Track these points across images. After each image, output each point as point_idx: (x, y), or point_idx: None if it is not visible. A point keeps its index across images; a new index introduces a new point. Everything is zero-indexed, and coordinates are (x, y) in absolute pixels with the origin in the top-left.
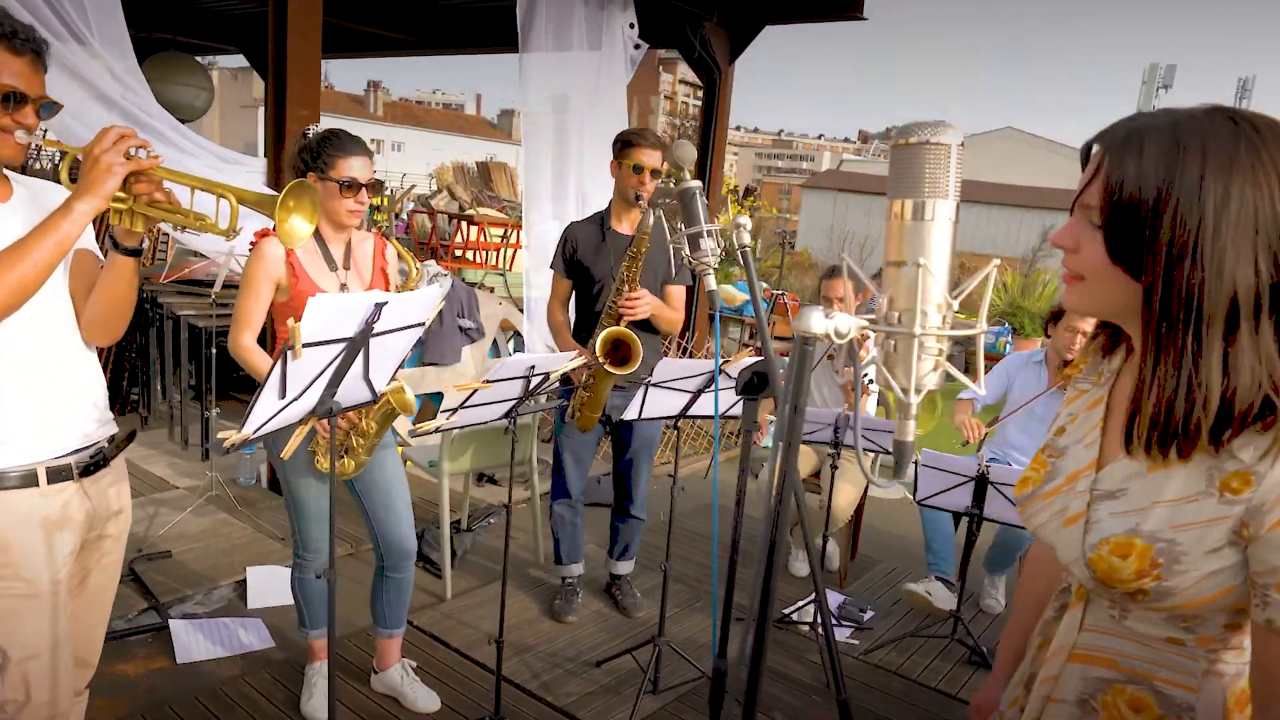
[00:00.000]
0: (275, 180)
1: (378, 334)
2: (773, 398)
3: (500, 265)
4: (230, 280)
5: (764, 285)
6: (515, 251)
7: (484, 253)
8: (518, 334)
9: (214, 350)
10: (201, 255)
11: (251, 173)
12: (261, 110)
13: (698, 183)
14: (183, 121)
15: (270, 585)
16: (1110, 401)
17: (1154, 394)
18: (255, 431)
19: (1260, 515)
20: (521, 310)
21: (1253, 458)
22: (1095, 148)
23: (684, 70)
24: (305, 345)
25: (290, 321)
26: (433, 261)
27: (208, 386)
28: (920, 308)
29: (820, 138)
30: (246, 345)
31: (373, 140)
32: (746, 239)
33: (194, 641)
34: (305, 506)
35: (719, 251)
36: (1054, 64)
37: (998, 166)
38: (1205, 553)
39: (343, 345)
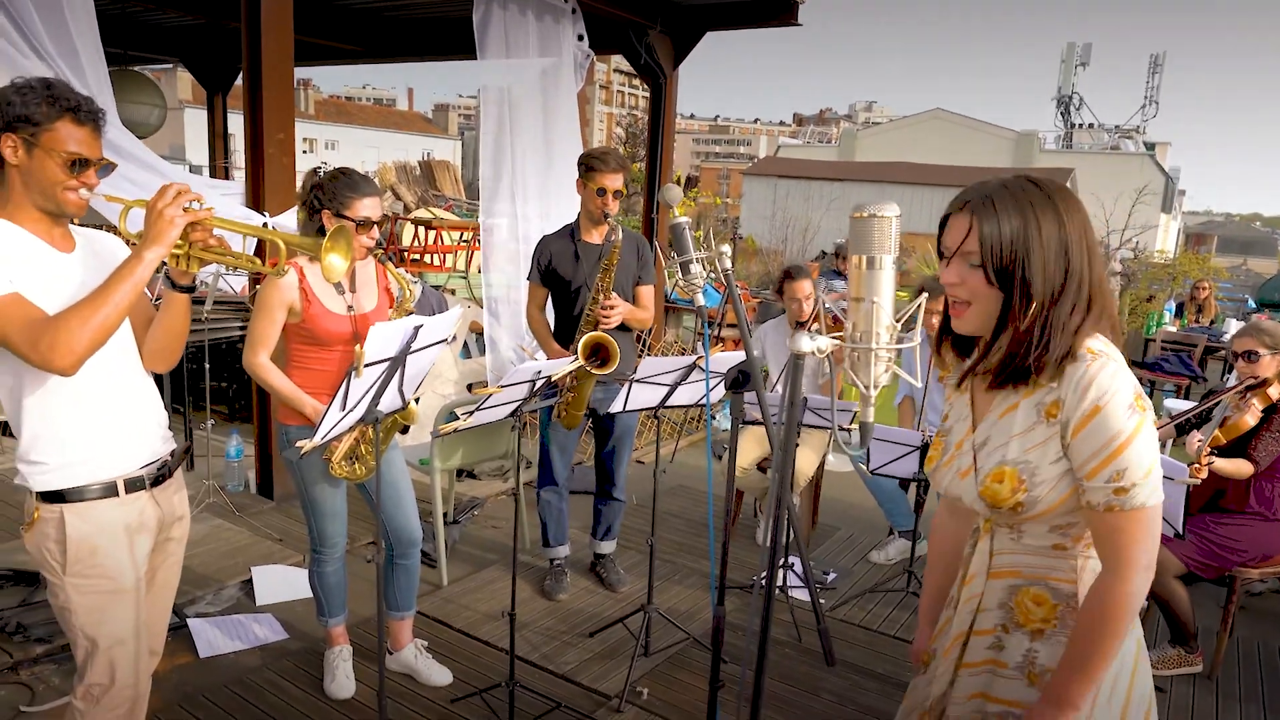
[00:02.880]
0: (255, 202)
1: (414, 351)
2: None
3: (460, 268)
4: (221, 298)
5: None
6: (474, 253)
7: (443, 255)
8: (484, 334)
9: (208, 365)
10: None
11: (229, 195)
12: (187, 112)
13: (686, 219)
14: (138, 138)
15: (276, 583)
16: (972, 388)
17: (1005, 349)
18: (324, 439)
19: (1068, 427)
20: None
21: (1061, 390)
22: (962, 212)
23: (618, 59)
24: (366, 365)
25: (357, 348)
26: (402, 270)
27: (194, 401)
28: (875, 330)
29: (756, 122)
30: (262, 363)
31: (305, 139)
32: (729, 264)
33: (214, 637)
34: (321, 507)
35: (705, 274)
36: (978, 47)
37: (927, 148)
38: (1050, 463)
39: (388, 363)
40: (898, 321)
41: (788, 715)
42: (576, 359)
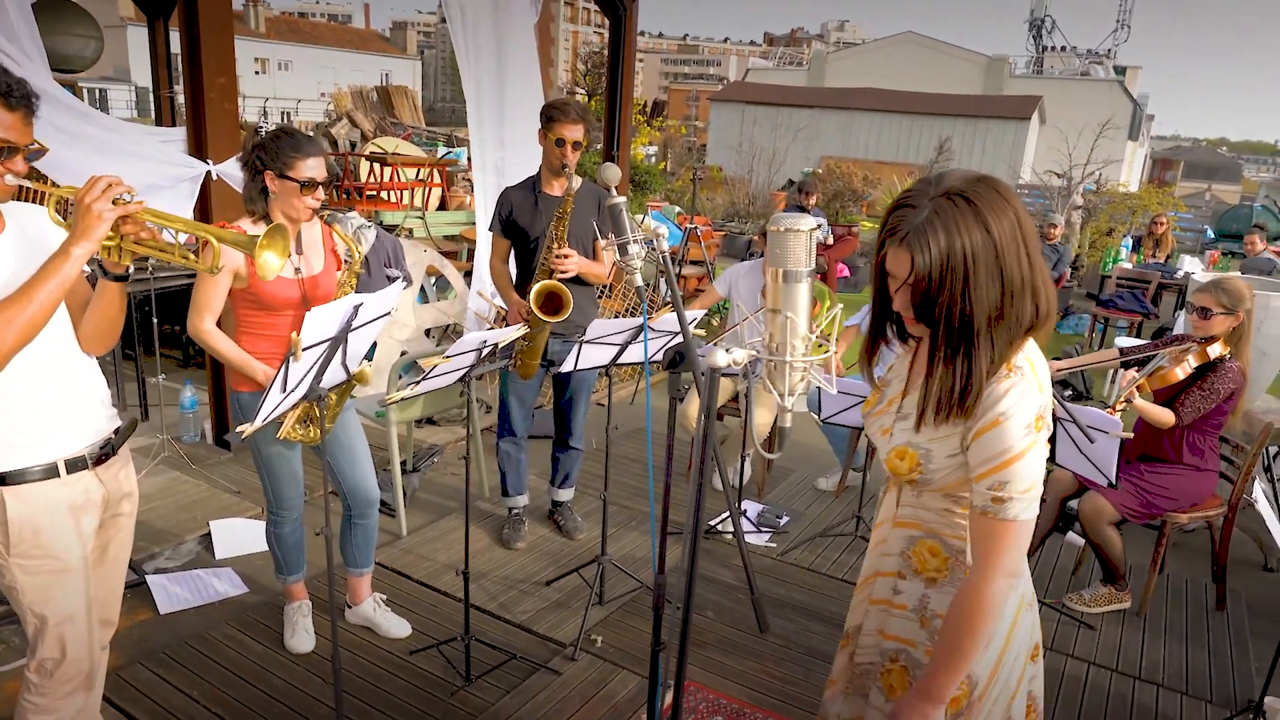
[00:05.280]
0: (197, 150)
1: (354, 329)
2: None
3: (416, 205)
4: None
5: (678, 209)
6: (433, 191)
7: (399, 193)
8: (441, 277)
9: (155, 319)
10: None
11: (168, 142)
12: (130, 30)
13: (623, 199)
14: (73, 72)
15: (234, 536)
16: (915, 353)
17: (938, 388)
18: (265, 420)
19: (970, 431)
20: (444, 254)
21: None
22: (901, 245)
23: None
24: (304, 349)
25: (293, 335)
26: (355, 214)
27: (145, 350)
28: (790, 342)
29: (726, 41)
30: (209, 330)
31: (257, 59)
32: (666, 245)
33: (173, 593)
34: (277, 471)
35: (643, 254)
36: None
37: (897, 73)
38: (946, 456)
39: (328, 343)
40: (813, 333)
41: (735, 658)
42: (523, 326)
